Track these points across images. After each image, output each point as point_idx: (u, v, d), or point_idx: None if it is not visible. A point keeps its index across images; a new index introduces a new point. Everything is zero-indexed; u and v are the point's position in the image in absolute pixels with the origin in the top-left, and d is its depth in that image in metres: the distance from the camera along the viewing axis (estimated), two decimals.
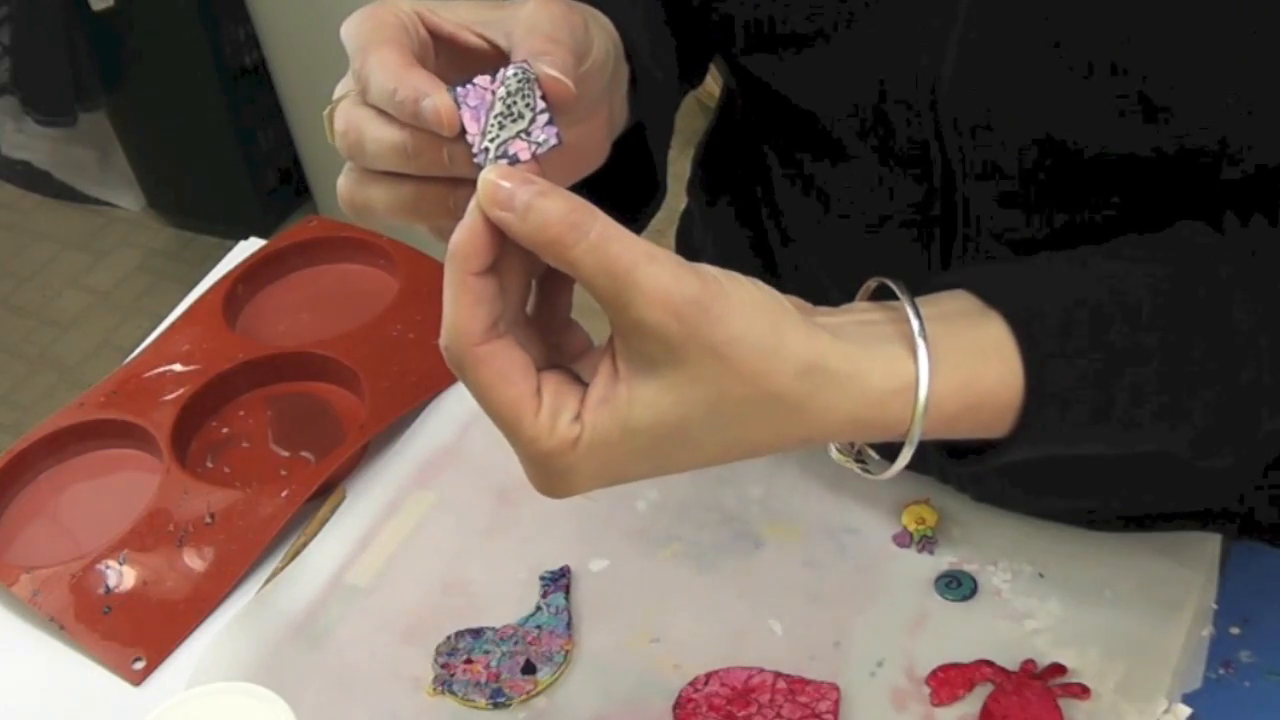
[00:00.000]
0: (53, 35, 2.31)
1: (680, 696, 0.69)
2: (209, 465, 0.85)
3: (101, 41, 2.30)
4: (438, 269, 1.03)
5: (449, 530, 0.79)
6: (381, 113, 0.49)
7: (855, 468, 0.55)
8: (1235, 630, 0.69)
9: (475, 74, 0.48)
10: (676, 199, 0.89)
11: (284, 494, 0.80)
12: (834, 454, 0.56)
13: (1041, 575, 0.73)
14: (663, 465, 0.49)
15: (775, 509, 0.78)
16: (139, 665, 0.74)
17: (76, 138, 2.61)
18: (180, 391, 0.87)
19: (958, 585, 0.73)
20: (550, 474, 0.49)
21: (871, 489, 0.78)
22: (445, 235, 0.48)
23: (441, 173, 0.49)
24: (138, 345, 0.93)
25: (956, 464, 0.55)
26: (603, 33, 0.56)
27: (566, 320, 0.52)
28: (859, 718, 0.67)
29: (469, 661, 0.72)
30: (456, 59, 0.53)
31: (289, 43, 2.16)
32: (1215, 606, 0.70)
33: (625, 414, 0.47)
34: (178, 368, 0.89)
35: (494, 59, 0.51)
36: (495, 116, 0.47)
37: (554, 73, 0.48)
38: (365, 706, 0.70)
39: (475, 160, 0.47)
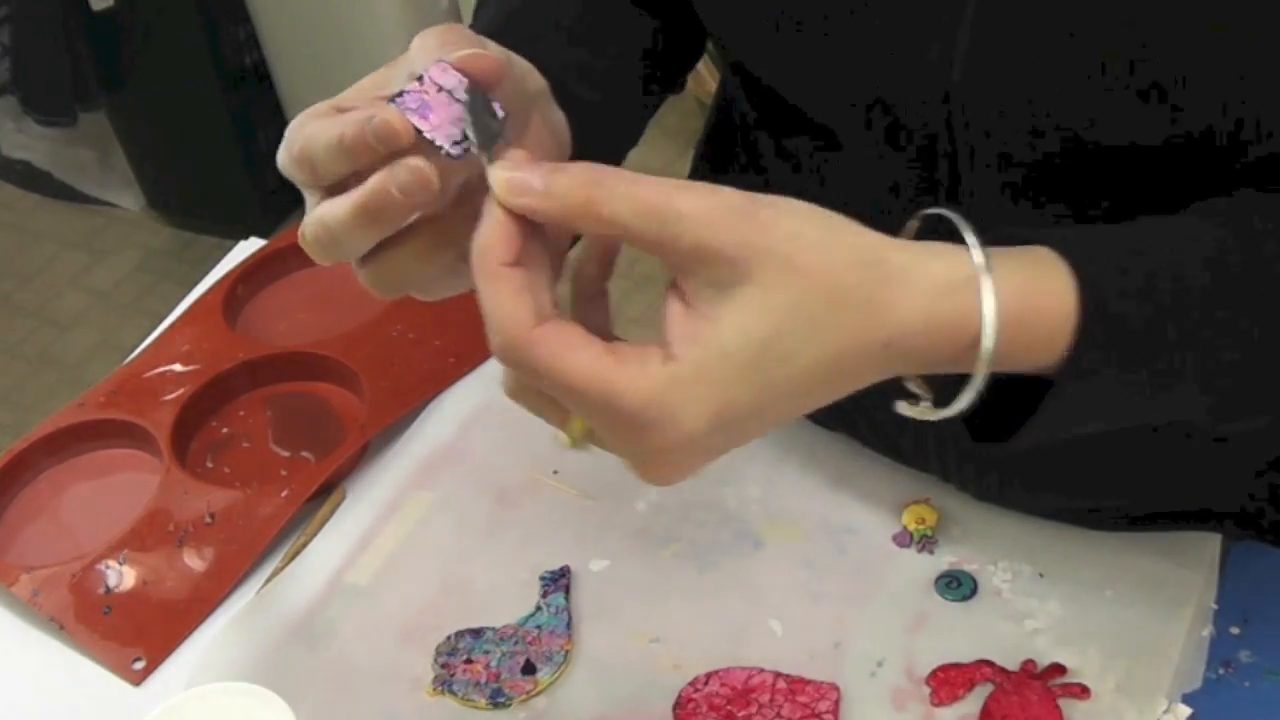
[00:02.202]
0: (53, 35, 2.31)
1: (680, 696, 0.69)
2: (209, 465, 0.85)
3: (101, 41, 2.30)
4: None
5: (449, 530, 0.79)
6: (332, 189, 0.48)
7: (929, 410, 0.53)
8: (1235, 630, 0.69)
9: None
10: None
11: (284, 494, 0.80)
12: (903, 408, 0.54)
13: (1041, 575, 0.73)
14: (769, 391, 0.46)
15: (775, 509, 0.78)
16: (139, 665, 0.74)
17: (76, 138, 2.61)
18: (180, 391, 0.87)
19: (958, 585, 0.73)
20: (658, 428, 0.45)
21: (872, 488, 0.78)
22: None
23: (425, 195, 0.47)
24: (138, 345, 0.93)
25: (992, 448, 0.54)
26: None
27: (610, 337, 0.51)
28: (859, 718, 0.67)
29: (469, 661, 0.72)
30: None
31: (289, 43, 2.16)
32: (1215, 606, 0.70)
33: (716, 338, 0.45)
34: (178, 368, 0.89)
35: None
36: (473, 130, 0.47)
37: (468, 51, 0.48)
38: (365, 706, 0.70)
39: (449, 152, 0.47)
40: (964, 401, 0.50)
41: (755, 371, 0.45)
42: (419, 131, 0.47)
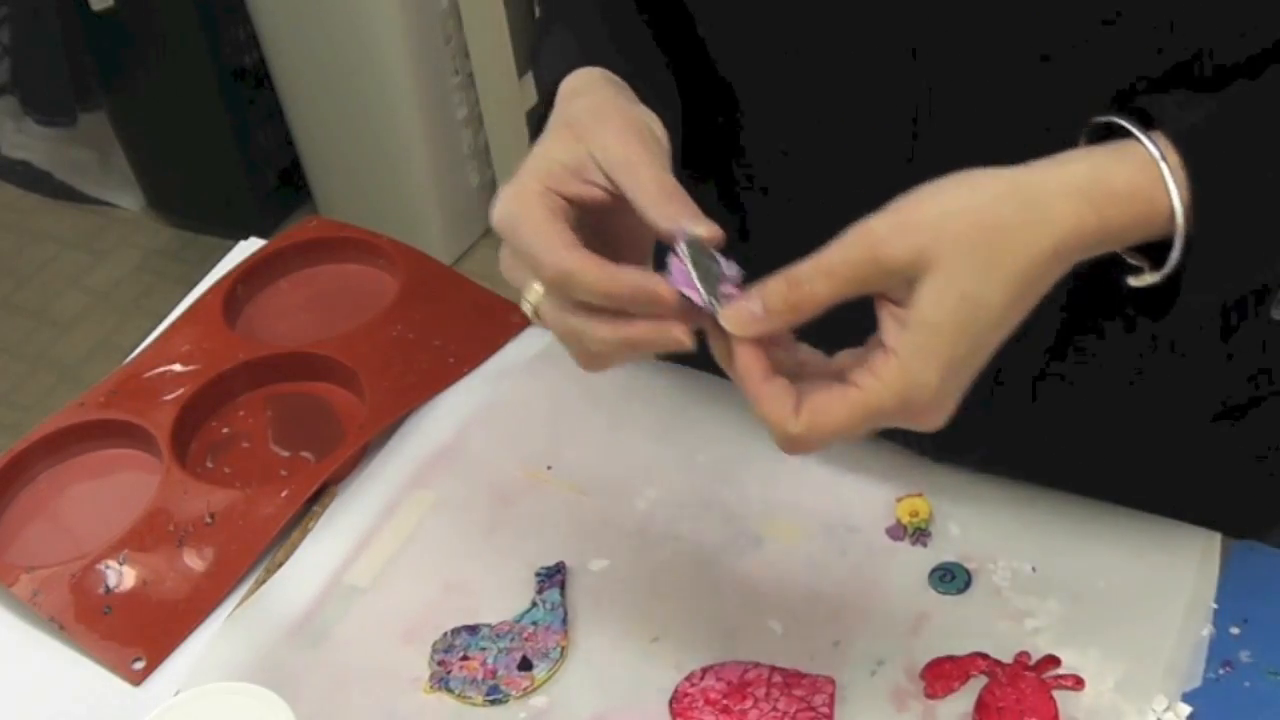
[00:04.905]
0: (53, 35, 2.31)
1: (676, 691, 0.69)
2: (209, 465, 0.85)
3: (101, 41, 2.30)
4: (438, 269, 1.03)
5: (447, 530, 0.79)
6: (593, 310, 0.56)
7: (1150, 275, 0.57)
8: (1235, 630, 0.69)
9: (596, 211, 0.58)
10: None
11: (284, 494, 0.80)
12: (1132, 282, 0.58)
13: (1040, 573, 0.73)
14: (977, 334, 0.53)
15: (774, 507, 0.78)
16: (139, 665, 0.74)
17: (76, 138, 2.61)
18: (180, 391, 0.87)
19: (951, 578, 0.73)
20: (914, 404, 0.54)
21: (869, 484, 0.78)
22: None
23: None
24: (138, 345, 0.93)
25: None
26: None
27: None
28: (859, 716, 0.67)
29: (465, 658, 0.72)
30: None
31: (289, 43, 2.16)
32: (1215, 606, 0.70)
33: (922, 321, 0.53)
34: (178, 368, 0.89)
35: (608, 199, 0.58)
36: (700, 281, 0.55)
37: (703, 232, 0.55)
38: (364, 706, 0.70)
39: (706, 311, 0.55)
40: (1175, 252, 0.55)
41: (960, 329, 0.53)
42: (684, 297, 0.55)
